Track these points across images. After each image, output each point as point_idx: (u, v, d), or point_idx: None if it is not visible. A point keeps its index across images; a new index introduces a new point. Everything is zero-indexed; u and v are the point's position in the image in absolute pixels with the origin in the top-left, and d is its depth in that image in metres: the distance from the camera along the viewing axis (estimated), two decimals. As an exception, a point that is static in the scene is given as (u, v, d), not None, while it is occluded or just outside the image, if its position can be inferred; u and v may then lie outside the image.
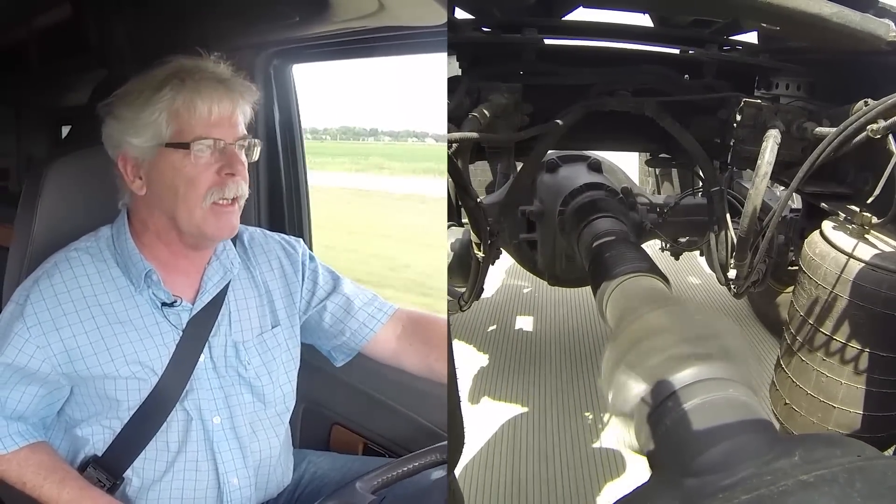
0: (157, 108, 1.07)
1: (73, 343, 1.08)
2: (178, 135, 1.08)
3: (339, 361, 1.34)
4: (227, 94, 1.10)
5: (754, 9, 1.20)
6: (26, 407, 1.10)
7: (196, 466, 1.15)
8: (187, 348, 1.14)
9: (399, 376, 1.35)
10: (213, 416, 1.15)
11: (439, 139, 5.08)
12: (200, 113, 1.08)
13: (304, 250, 1.32)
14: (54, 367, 1.08)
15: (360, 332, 1.29)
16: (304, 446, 1.42)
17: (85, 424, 1.13)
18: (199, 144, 1.07)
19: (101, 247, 1.14)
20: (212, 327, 1.17)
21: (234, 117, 1.11)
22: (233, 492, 1.17)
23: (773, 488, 0.69)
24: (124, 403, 1.11)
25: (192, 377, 1.14)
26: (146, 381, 1.11)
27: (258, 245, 1.28)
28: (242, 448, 1.18)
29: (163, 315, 1.13)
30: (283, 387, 1.24)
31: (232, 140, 1.10)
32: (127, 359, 1.10)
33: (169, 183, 1.09)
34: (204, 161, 1.08)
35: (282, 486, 1.27)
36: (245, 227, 1.28)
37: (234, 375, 1.18)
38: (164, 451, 1.13)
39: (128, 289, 1.12)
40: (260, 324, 1.23)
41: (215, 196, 1.09)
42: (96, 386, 1.10)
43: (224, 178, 1.09)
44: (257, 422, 1.20)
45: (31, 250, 1.23)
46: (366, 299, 1.31)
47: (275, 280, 1.26)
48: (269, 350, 1.22)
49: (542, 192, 2.22)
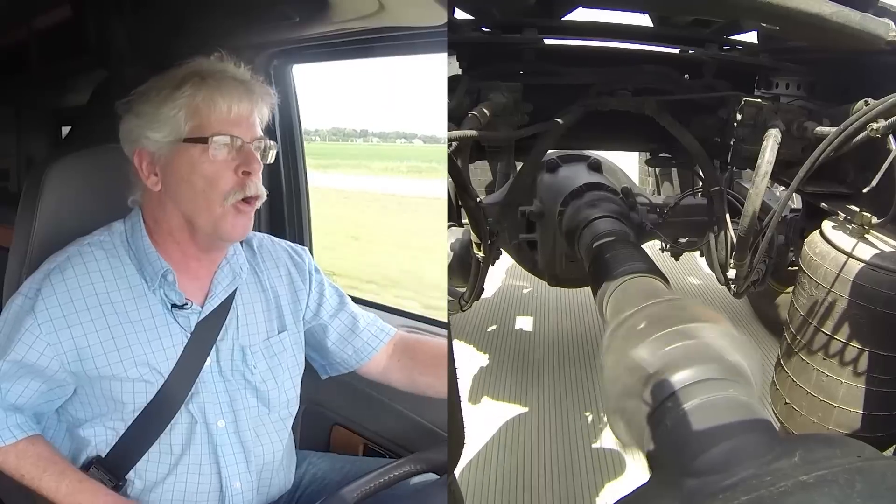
0: (178, 105, 1.08)
1: (84, 342, 1.07)
2: (197, 130, 1.08)
3: (327, 375, 1.35)
4: (246, 94, 1.11)
5: (754, 9, 1.20)
6: (27, 400, 1.09)
7: (199, 469, 1.14)
8: (194, 351, 1.13)
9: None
10: (218, 420, 1.15)
11: (427, 140, 5.05)
12: (220, 110, 1.08)
13: (311, 260, 1.33)
14: (63, 365, 1.08)
15: (363, 351, 1.31)
16: (304, 447, 1.42)
17: (88, 425, 1.12)
18: (218, 140, 1.07)
19: (116, 242, 1.13)
20: (219, 331, 1.16)
21: (252, 118, 1.12)
22: (235, 495, 1.17)
23: (773, 489, 0.69)
24: (129, 405, 1.10)
25: (197, 380, 1.13)
26: (152, 384, 1.10)
27: (266, 251, 1.28)
28: (246, 452, 1.17)
29: (173, 317, 1.13)
30: (287, 392, 1.24)
31: (249, 140, 1.11)
32: (136, 360, 1.09)
33: (186, 179, 1.09)
34: (222, 158, 1.08)
35: (284, 489, 1.27)
36: (253, 232, 1.28)
37: (239, 380, 1.18)
38: (167, 453, 1.13)
39: (140, 287, 1.12)
40: (267, 329, 1.23)
41: (237, 196, 1.09)
42: (102, 386, 1.10)
43: (242, 178, 1.09)
44: (261, 426, 1.20)
45: (30, 251, 1.22)
46: (369, 319, 1.33)
47: (283, 286, 1.27)
48: (275, 355, 1.22)
49: (542, 192, 2.22)
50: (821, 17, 1.18)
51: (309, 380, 1.44)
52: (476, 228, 1.63)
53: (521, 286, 3.57)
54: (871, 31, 1.21)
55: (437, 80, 1.43)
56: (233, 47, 1.55)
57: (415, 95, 2.30)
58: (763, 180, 1.42)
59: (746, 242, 1.55)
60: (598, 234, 1.75)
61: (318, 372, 1.35)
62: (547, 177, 2.26)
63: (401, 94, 2.33)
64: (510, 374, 2.68)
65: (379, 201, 6.91)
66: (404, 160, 6.59)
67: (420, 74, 1.77)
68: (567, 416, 2.36)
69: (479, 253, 1.72)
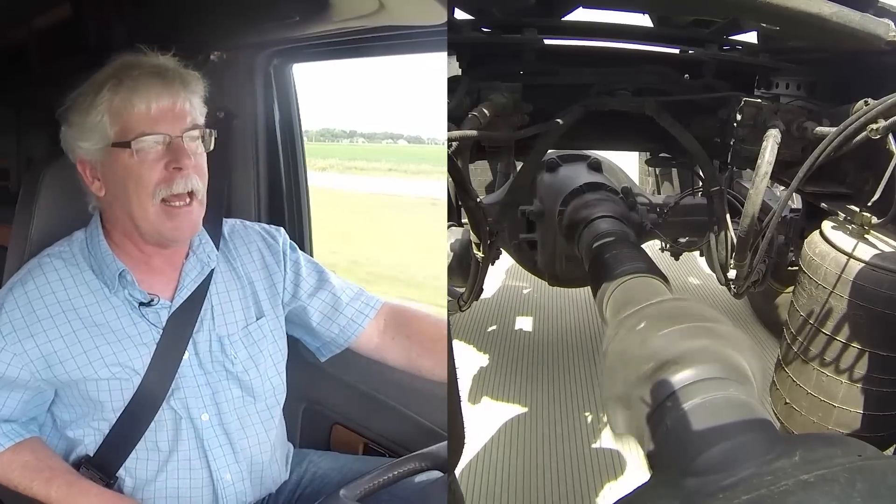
0: (100, 111, 1.07)
1: (50, 348, 1.08)
2: (122, 133, 1.07)
3: (325, 357, 1.33)
4: (165, 87, 1.08)
5: (754, 9, 1.20)
6: (11, 411, 1.11)
7: (189, 465, 1.15)
8: (169, 346, 1.14)
9: (399, 376, 1.35)
10: (202, 414, 1.15)
11: (412, 141, 4.99)
12: (139, 110, 1.07)
13: (286, 240, 1.31)
14: (33, 374, 1.09)
15: (349, 328, 1.29)
16: (304, 446, 1.42)
17: (74, 426, 1.13)
18: (140, 142, 1.07)
19: (74, 251, 1.15)
20: (194, 323, 1.16)
21: (176, 109, 1.09)
22: (227, 488, 1.17)
23: (774, 488, 0.69)
24: (108, 404, 1.11)
25: (178, 375, 1.14)
26: (128, 382, 1.11)
27: (238, 236, 1.27)
28: (233, 444, 1.17)
29: (140, 315, 1.13)
30: (271, 379, 1.23)
31: (179, 133, 1.09)
32: (105, 360, 1.10)
33: (121, 182, 1.09)
34: (151, 157, 1.07)
35: (279, 481, 1.27)
36: (225, 219, 1.28)
37: (220, 371, 1.18)
38: (154, 450, 1.13)
39: (102, 291, 1.12)
40: (244, 316, 1.22)
41: (164, 192, 1.08)
42: (79, 388, 1.11)
43: (172, 174, 1.08)
44: (246, 416, 1.20)
45: (28, 250, 1.23)
46: (352, 294, 1.30)
47: (256, 271, 1.26)
48: (255, 342, 1.22)
49: (542, 192, 2.22)
50: (821, 17, 1.18)
51: (309, 379, 1.44)
52: (476, 228, 1.63)
53: (521, 286, 3.57)
54: (871, 31, 1.21)
55: (436, 80, 1.43)
56: (233, 47, 1.56)
57: (404, 95, 2.29)
58: (763, 180, 1.42)
59: (746, 242, 1.55)
60: (598, 233, 1.75)
61: (316, 355, 1.33)
62: (547, 176, 2.26)
63: (390, 94, 2.32)
64: (510, 374, 2.68)
65: (365, 201, 6.92)
66: (383, 160, 6.57)
67: (420, 74, 1.77)
68: (567, 416, 2.36)
69: (478, 253, 1.72)
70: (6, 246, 1.27)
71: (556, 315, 3.25)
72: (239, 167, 1.57)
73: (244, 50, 1.57)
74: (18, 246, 1.24)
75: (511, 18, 1.76)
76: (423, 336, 1.27)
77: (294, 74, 1.67)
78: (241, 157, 1.58)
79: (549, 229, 2.20)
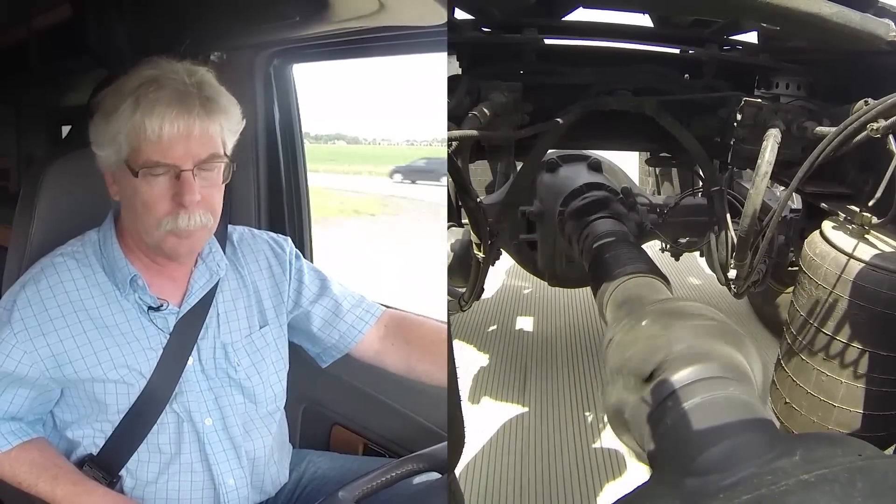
0: (118, 126, 1.03)
1: (60, 348, 1.08)
2: (132, 156, 1.04)
3: (325, 363, 1.34)
4: (182, 113, 1.02)
5: (754, 9, 1.20)
6: (18, 408, 1.11)
7: (191, 468, 1.15)
8: (175, 351, 1.14)
9: (399, 377, 1.34)
10: (205, 418, 1.16)
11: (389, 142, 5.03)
12: (151, 136, 1.01)
13: (292, 249, 1.31)
14: (42, 372, 1.09)
15: (349, 334, 1.29)
16: (304, 446, 1.42)
17: (76, 426, 1.14)
18: (147, 172, 1.03)
19: (87, 251, 1.14)
20: (199, 330, 1.17)
21: (192, 135, 1.03)
22: (229, 492, 1.17)
23: (774, 488, 0.69)
24: (113, 406, 1.11)
25: (181, 380, 1.14)
26: (134, 385, 1.11)
27: (247, 245, 1.27)
28: (236, 448, 1.18)
29: (149, 319, 1.13)
30: (273, 386, 1.24)
31: (190, 166, 1.03)
32: (114, 363, 1.10)
33: (128, 199, 1.08)
34: (157, 189, 1.04)
35: (278, 484, 1.28)
36: (234, 226, 1.28)
37: (223, 377, 1.18)
38: (156, 452, 1.14)
39: (113, 294, 1.12)
40: (249, 324, 1.22)
41: (170, 225, 1.05)
42: (85, 389, 1.11)
43: (177, 208, 1.04)
44: (249, 422, 1.20)
45: (29, 250, 1.23)
46: (353, 301, 1.31)
47: (263, 280, 1.26)
48: (258, 350, 1.22)
49: (542, 192, 2.22)
50: (821, 17, 1.18)
51: (309, 379, 1.43)
52: (476, 228, 1.63)
53: (521, 286, 3.57)
54: (871, 31, 1.21)
55: (436, 80, 1.43)
56: (233, 47, 1.55)
57: (395, 98, 2.30)
58: (763, 180, 1.42)
59: (746, 242, 1.55)
60: (599, 234, 1.75)
61: (317, 361, 1.34)
62: (547, 177, 2.26)
63: (381, 97, 2.32)
64: (510, 374, 2.68)
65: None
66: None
67: (420, 74, 1.77)
68: (567, 416, 2.36)
69: (479, 253, 1.72)
70: (6, 246, 1.27)
71: (557, 315, 3.25)
72: (239, 168, 1.57)
73: (244, 50, 1.57)
74: (19, 246, 1.24)
75: (511, 18, 1.76)
76: (423, 342, 1.27)
77: (294, 74, 1.68)
78: (241, 157, 1.58)
79: (549, 229, 2.20)
